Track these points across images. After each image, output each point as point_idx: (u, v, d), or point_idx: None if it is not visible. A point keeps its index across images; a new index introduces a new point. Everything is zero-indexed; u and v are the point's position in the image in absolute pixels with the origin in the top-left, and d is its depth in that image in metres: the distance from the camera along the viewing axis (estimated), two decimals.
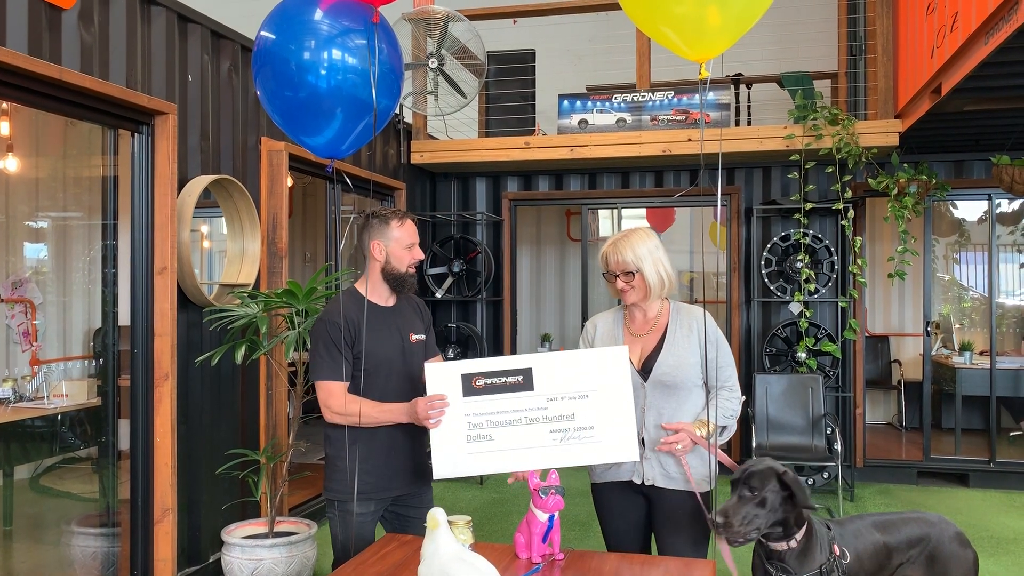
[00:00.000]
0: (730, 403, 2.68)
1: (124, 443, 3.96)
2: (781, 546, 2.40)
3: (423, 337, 2.97)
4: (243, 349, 3.70)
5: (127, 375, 3.89)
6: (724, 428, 2.68)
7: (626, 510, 2.75)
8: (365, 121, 2.46)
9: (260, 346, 3.73)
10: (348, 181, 5.18)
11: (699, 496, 2.59)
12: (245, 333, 3.95)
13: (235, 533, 3.98)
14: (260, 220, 4.63)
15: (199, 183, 4.10)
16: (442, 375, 2.56)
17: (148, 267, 3.87)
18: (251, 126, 4.68)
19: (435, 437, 2.52)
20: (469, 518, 2.34)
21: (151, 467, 3.87)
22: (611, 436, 2.45)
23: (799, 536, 2.39)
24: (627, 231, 2.72)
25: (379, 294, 2.88)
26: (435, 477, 2.54)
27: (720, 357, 2.69)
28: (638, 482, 2.66)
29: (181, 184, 4.07)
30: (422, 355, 2.95)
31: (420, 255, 2.87)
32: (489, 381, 2.52)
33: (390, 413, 2.73)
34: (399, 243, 2.81)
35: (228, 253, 4.52)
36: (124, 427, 3.95)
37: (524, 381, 2.51)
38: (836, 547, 2.46)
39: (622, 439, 2.45)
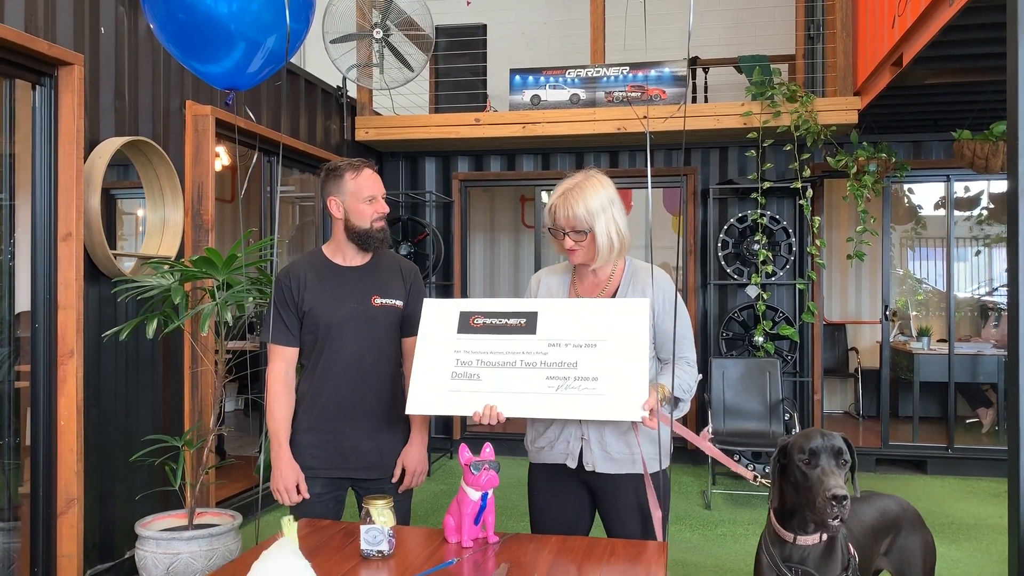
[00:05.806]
0: (686, 377, 2.34)
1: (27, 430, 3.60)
2: (810, 540, 1.99)
3: (396, 302, 2.59)
4: (155, 323, 3.36)
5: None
6: (678, 402, 2.33)
7: (561, 501, 2.41)
8: (269, 49, 2.16)
9: (174, 319, 3.41)
10: (251, 114, 4.81)
11: (649, 477, 2.23)
12: (163, 307, 3.62)
13: (152, 526, 3.64)
14: (184, 189, 4.29)
15: (111, 144, 3.75)
16: (439, 311, 2.31)
17: (51, 233, 3.51)
18: (174, 88, 4.34)
19: (416, 371, 2.26)
20: (389, 498, 2.05)
21: (53, 453, 3.52)
22: (616, 391, 2.11)
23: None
24: (580, 179, 2.31)
25: (343, 254, 2.59)
26: (407, 411, 2.26)
27: (677, 328, 2.36)
28: (572, 466, 2.34)
29: (93, 146, 3.73)
30: (391, 321, 2.59)
31: (383, 208, 2.55)
32: (489, 321, 2.27)
33: (275, 436, 2.53)
34: (356, 196, 2.51)
35: (148, 223, 4.17)
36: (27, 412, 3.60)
37: (527, 324, 2.24)
38: (850, 546, 2.08)
39: (628, 396, 2.10)
